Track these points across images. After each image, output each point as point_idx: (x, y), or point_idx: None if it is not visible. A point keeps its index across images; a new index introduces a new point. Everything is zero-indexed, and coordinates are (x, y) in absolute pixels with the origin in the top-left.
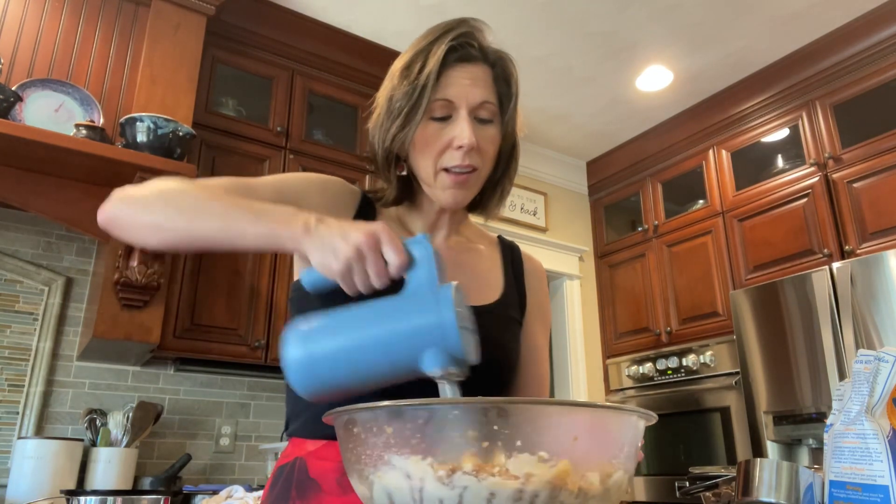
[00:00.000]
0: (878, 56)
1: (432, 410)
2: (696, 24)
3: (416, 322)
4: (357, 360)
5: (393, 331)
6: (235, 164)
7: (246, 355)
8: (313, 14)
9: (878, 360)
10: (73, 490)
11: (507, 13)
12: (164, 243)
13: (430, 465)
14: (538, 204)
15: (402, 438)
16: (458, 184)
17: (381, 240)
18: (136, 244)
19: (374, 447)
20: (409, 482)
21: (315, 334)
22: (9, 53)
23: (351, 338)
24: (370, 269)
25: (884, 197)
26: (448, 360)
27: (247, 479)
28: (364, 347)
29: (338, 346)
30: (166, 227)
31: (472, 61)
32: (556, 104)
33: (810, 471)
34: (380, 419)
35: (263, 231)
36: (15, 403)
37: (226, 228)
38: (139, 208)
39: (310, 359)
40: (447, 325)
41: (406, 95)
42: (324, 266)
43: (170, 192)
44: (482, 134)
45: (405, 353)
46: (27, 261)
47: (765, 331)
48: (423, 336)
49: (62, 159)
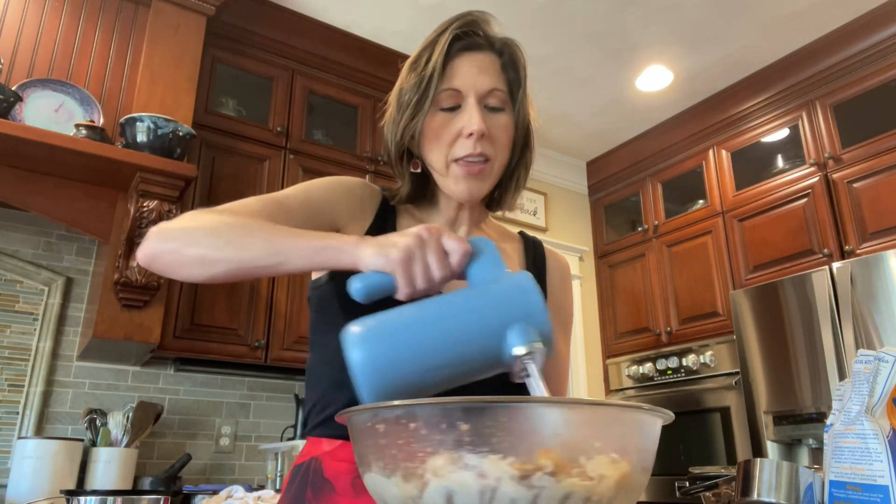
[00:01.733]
0: (878, 56)
1: (517, 408)
2: (696, 24)
3: (500, 305)
4: (436, 354)
5: (477, 318)
6: (235, 164)
7: (246, 355)
8: (313, 14)
9: (878, 360)
10: (73, 490)
11: (507, 13)
12: (213, 276)
13: (509, 465)
14: (538, 204)
15: (480, 436)
16: (471, 175)
17: (441, 230)
18: (182, 280)
19: (441, 444)
20: (482, 482)
21: (387, 331)
22: (9, 53)
23: (430, 331)
24: (431, 258)
25: (884, 197)
26: (533, 336)
27: (247, 479)
28: (444, 340)
29: (415, 341)
30: (214, 259)
31: (479, 50)
32: (556, 104)
33: (810, 471)
34: (454, 415)
35: (314, 246)
36: (15, 403)
37: (275, 252)
38: (182, 243)
39: (384, 357)
40: (533, 304)
41: (414, 87)
42: (382, 258)
43: (211, 224)
44: (493, 122)
45: (489, 340)
46: (27, 261)
47: (765, 331)
48: (510, 318)
49: (62, 159)
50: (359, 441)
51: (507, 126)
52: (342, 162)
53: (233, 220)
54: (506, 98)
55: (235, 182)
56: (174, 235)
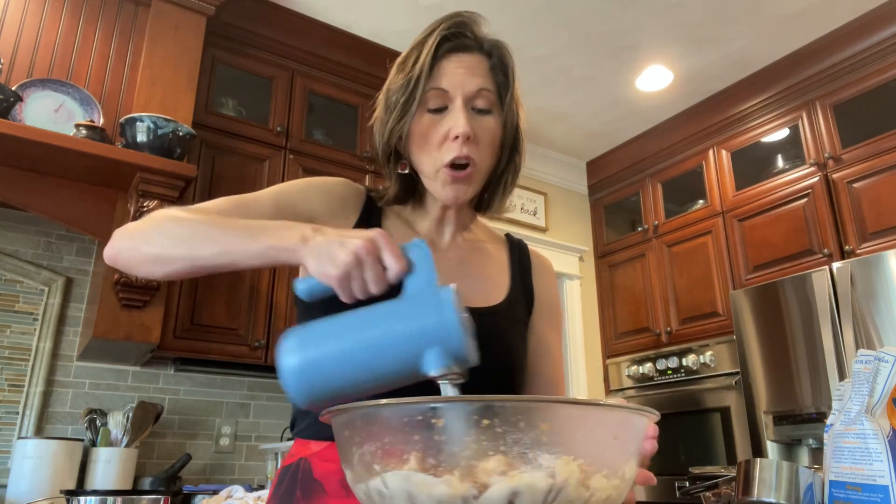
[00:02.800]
0: (878, 56)
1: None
2: (696, 24)
3: (417, 322)
4: (357, 364)
5: (394, 332)
6: (235, 164)
7: (246, 355)
8: (313, 14)
9: (878, 360)
10: (73, 490)
11: (507, 13)
12: (170, 274)
13: (579, 467)
14: (538, 204)
15: (559, 437)
16: (457, 179)
17: (379, 246)
18: (143, 276)
19: (518, 443)
20: (552, 481)
21: (312, 340)
22: (9, 53)
23: (350, 341)
24: (368, 276)
25: (884, 197)
26: (450, 360)
27: (247, 479)
28: (364, 350)
29: (337, 351)
30: (168, 257)
31: (467, 51)
32: (556, 104)
33: (810, 471)
34: (536, 414)
35: (260, 248)
36: (15, 403)
37: (224, 252)
38: (139, 242)
39: (307, 365)
40: (449, 323)
41: (401, 88)
42: (321, 273)
43: (166, 223)
44: (480, 125)
45: (406, 354)
46: (27, 261)
47: (765, 331)
48: (425, 336)
49: (62, 159)
50: (391, 435)
51: (494, 128)
52: (342, 162)
53: (190, 219)
54: (494, 100)
55: (235, 182)
56: (133, 234)
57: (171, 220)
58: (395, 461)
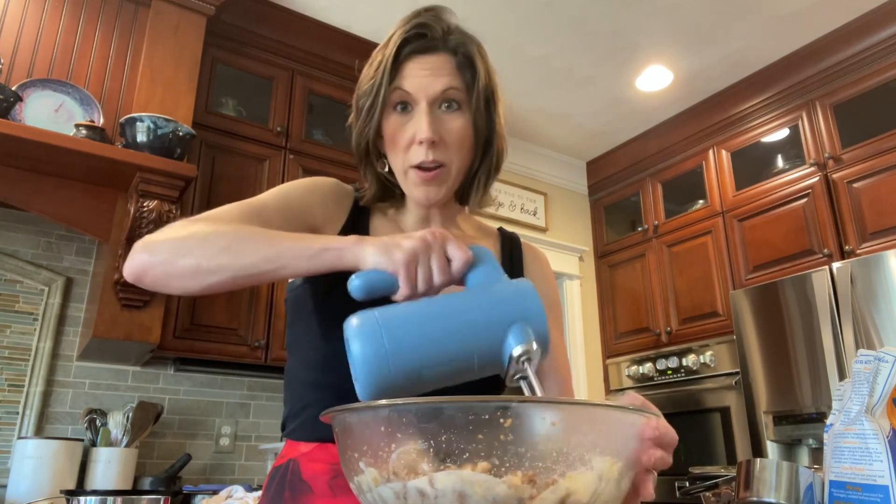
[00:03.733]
0: (878, 56)
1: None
2: (696, 24)
3: (499, 301)
4: (436, 350)
5: (475, 315)
6: (235, 164)
7: (246, 355)
8: (313, 14)
9: (878, 360)
10: (73, 490)
11: (507, 13)
12: (209, 286)
13: (617, 469)
14: (538, 204)
15: (607, 439)
16: (426, 181)
17: (446, 236)
18: (174, 293)
19: (580, 446)
20: (600, 484)
21: (389, 324)
22: (9, 53)
23: (431, 327)
24: (434, 263)
25: (884, 197)
26: (531, 337)
27: (247, 479)
28: (444, 338)
29: (417, 336)
30: (209, 268)
31: (430, 52)
32: (556, 104)
33: (810, 471)
34: (597, 417)
35: (314, 250)
36: (15, 403)
37: (274, 258)
38: (174, 254)
39: (383, 350)
40: (532, 306)
41: (366, 92)
42: (385, 258)
43: (202, 233)
44: (448, 126)
45: (489, 335)
46: (27, 261)
47: (765, 331)
48: (507, 314)
49: (62, 159)
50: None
51: (461, 127)
52: (342, 162)
53: (223, 227)
54: (462, 97)
55: (235, 182)
56: (163, 247)
57: (205, 229)
58: (450, 460)
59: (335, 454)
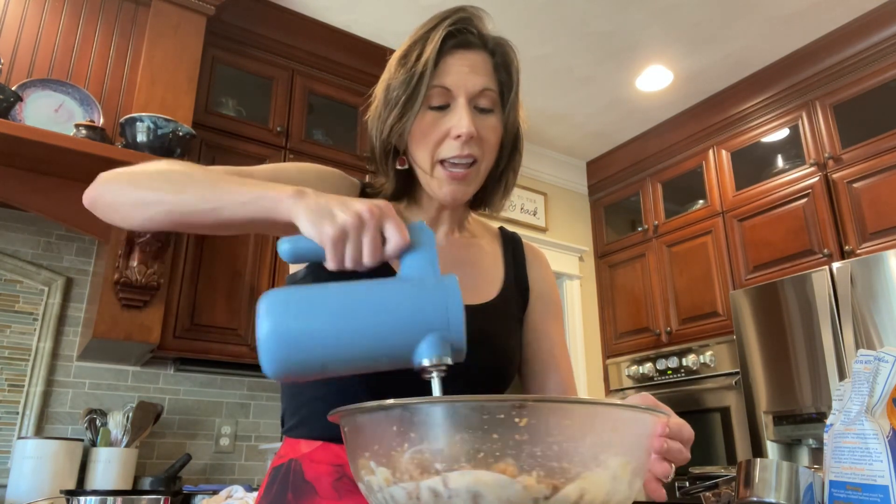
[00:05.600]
0: (878, 56)
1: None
2: (696, 24)
3: (419, 304)
4: (345, 339)
5: (392, 310)
6: (235, 164)
7: (246, 355)
8: (313, 14)
9: (878, 360)
10: (73, 490)
11: (507, 13)
12: (149, 220)
13: (630, 469)
14: (538, 204)
15: (620, 439)
16: (456, 179)
17: (385, 214)
18: (120, 224)
19: (595, 445)
20: (613, 484)
21: (298, 305)
22: (9, 53)
23: (342, 313)
24: (366, 242)
25: (884, 197)
26: (447, 350)
27: (247, 479)
28: (356, 325)
29: (325, 321)
30: (152, 201)
31: (471, 48)
32: (556, 104)
33: (810, 471)
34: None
35: (250, 196)
36: (15, 403)
37: (210, 198)
38: (125, 185)
39: (288, 331)
40: (453, 311)
41: (403, 84)
42: (315, 228)
43: (158, 169)
44: (482, 123)
45: (401, 337)
46: (27, 261)
47: (765, 331)
48: (426, 320)
49: (62, 159)
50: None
51: (495, 127)
52: (342, 162)
53: (178, 167)
54: (496, 99)
55: None
56: (119, 178)
57: (162, 166)
58: (465, 460)
59: (338, 454)
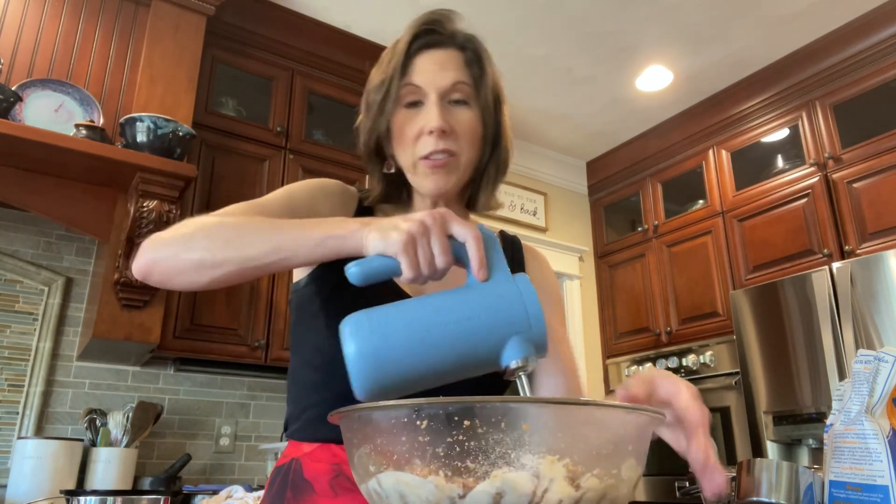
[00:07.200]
0: (878, 56)
1: (579, 410)
2: (696, 24)
3: (499, 308)
4: (430, 352)
5: (473, 318)
6: (235, 164)
7: (246, 355)
8: (313, 14)
9: (878, 360)
10: (73, 490)
11: (507, 13)
12: (215, 279)
13: (564, 466)
14: (538, 204)
15: (541, 437)
16: (436, 167)
17: (447, 217)
18: (181, 288)
19: (499, 444)
20: (536, 482)
21: (387, 326)
22: (9, 53)
23: (425, 327)
24: (435, 244)
25: (884, 197)
26: (530, 349)
27: (247, 479)
28: (440, 337)
29: (411, 336)
30: (215, 261)
31: (440, 47)
32: (556, 104)
33: (810, 471)
34: (517, 414)
35: (318, 238)
36: (15, 403)
37: (278, 248)
38: (178, 249)
39: (379, 352)
40: (533, 312)
41: (377, 88)
42: (383, 243)
43: (207, 227)
44: (457, 117)
45: (485, 343)
46: (27, 261)
47: (765, 331)
48: (508, 323)
49: (62, 159)
50: (382, 437)
51: (471, 120)
52: (342, 162)
53: (228, 220)
54: (470, 92)
55: (235, 182)
56: (169, 243)
57: (210, 223)
58: (386, 462)
59: (338, 454)
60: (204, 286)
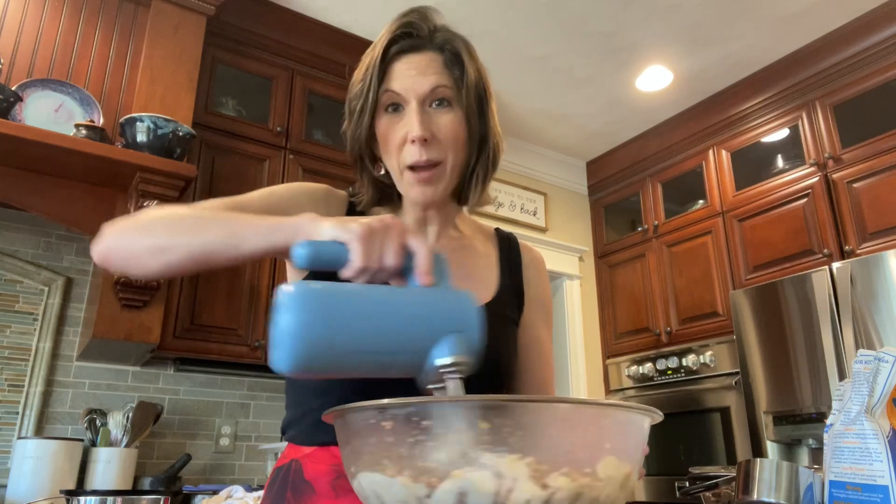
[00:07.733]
0: (878, 56)
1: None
2: (696, 24)
3: (439, 304)
4: (368, 336)
5: (416, 311)
6: (235, 164)
7: (246, 355)
8: (313, 14)
9: (878, 360)
10: (73, 490)
11: (507, 13)
12: (167, 265)
13: (527, 465)
14: (538, 204)
15: (499, 435)
16: (422, 181)
17: (408, 229)
18: (136, 274)
19: (458, 443)
20: (499, 481)
21: (327, 300)
22: (9, 53)
23: (367, 310)
24: (390, 244)
25: (884, 197)
26: (464, 350)
27: (247, 479)
28: (379, 324)
29: (350, 318)
30: (168, 246)
31: (417, 51)
32: (556, 104)
33: (810, 471)
34: (473, 414)
35: (269, 227)
36: (15, 403)
37: (229, 235)
38: (136, 234)
39: (314, 326)
40: (471, 314)
41: (356, 95)
42: (341, 230)
43: (166, 215)
44: (439, 121)
45: (421, 335)
46: (27, 261)
47: (765, 331)
48: (446, 320)
49: (62, 159)
50: (356, 438)
51: (454, 123)
52: (342, 162)
53: (186, 210)
54: (452, 94)
55: (235, 182)
56: (127, 228)
57: (170, 212)
58: (362, 462)
59: (337, 455)
60: (157, 271)
